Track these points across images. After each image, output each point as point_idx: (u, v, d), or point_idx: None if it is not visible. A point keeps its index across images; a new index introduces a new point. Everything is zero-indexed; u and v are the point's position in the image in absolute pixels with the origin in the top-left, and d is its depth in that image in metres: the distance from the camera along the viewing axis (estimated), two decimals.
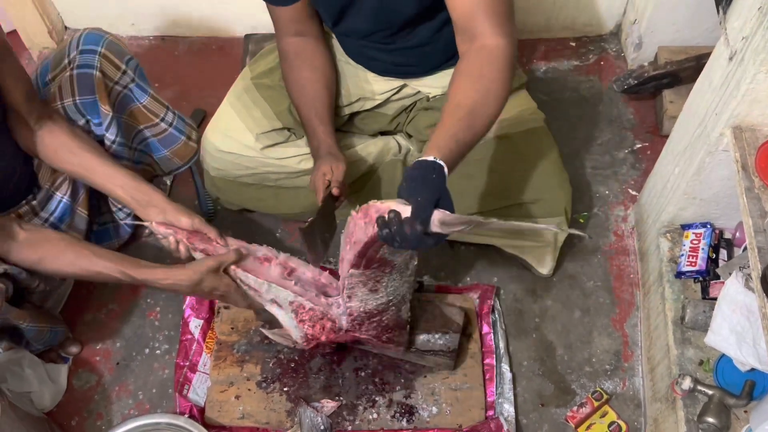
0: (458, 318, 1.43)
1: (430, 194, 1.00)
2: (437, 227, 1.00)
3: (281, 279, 1.32)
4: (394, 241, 1.01)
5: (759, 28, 1.07)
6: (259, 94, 1.55)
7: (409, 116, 1.63)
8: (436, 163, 1.03)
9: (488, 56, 1.15)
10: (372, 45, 1.46)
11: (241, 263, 1.29)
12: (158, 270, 1.26)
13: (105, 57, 1.38)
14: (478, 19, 1.17)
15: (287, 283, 1.32)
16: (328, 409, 1.44)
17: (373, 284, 1.22)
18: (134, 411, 1.53)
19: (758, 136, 1.18)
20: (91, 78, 1.36)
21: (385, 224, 1.01)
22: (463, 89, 1.13)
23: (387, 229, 1.01)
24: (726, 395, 1.27)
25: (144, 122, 1.50)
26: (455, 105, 1.11)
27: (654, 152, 1.88)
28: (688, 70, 1.83)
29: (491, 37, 1.16)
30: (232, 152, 1.54)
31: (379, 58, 1.50)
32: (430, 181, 1.02)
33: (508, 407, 1.48)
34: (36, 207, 1.36)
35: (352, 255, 1.15)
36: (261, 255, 1.33)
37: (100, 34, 1.40)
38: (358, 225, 1.13)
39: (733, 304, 1.26)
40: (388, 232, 1.01)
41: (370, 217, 1.09)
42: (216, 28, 2.18)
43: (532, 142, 1.51)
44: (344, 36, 1.50)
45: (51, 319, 1.47)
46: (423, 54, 1.48)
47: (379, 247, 1.12)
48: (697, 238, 1.45)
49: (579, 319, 1.64)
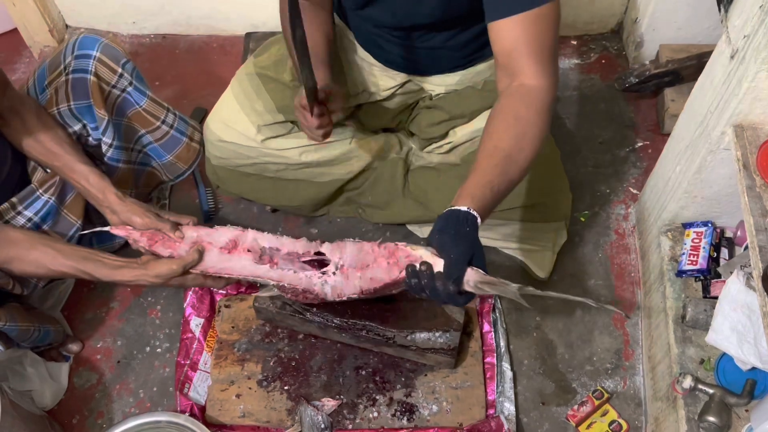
0: (459, 316, 1.43)
1: (464, 250, 0.99)
2: (470, 288, 1.00)
3: (253, 267, 1.28)
4: (423, 292, 1.01)
5: (760, 26, 1.06)
6: (263, 86, 1.54)
7: (412, 114, 1.63)
8: (469, 214, 1.02)
9: (527, 97, 1.12)
10: (386, 36, 1.45)
11: (207, 264, 1.28)
12: (124, 270, 1.27)
13: (100, 61, 1.38)
14: (521, 57, 1.13)
15: (259, 270, 1.28)
16: (329, 408, 1.44)
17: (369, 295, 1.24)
18: (135, 409, 1.53)
19: (759, 134, 1.18)
20: (86, 82, 1.36)
21: (416, 275, 1.01)
22: (499, 132, 1.11)
23: (417, 280, 1.01)
24: (727, 394, 1.26)
25: (144, 126, 1.49)
26: (492, 148, 1.10)
27: (655, 151, 1.87)
28: (690, 68, 1.83)
29: (532, 78, 1.13)
30: (233, 142, 1.54)
31: (389, 50, 1.48)
32: (464, 234, 1.01)
33: (509, 406, 1.48)
34: (16, 204, 1.35)
35: (366, 286, 1.17)
36: (226, 241, 1.29)
37: (95, 38, 1.40)
38: (378, 263, 1.13)
39: (734, 303, 1.26)
40: (417, 283, 1.01)
41: (396, 260, 1.09)
42: (216, 26, 2.18)
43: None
44: (361, 20, 1.47)
45: (40, 319, 1.46)
46: (435, 56, 1.47)
47: (398, 286, 1.13)
48: (698, 236, 1.45)
49: (580, 317, 1.64)
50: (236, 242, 1.29)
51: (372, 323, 1.41)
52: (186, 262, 1.26)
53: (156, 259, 1.28)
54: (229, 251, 1.29)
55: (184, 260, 1.27)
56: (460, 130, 1.57)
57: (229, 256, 1.29)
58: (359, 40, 1.53)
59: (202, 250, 1.28)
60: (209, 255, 1.29)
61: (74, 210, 1.44)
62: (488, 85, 1.52)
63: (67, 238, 1.44)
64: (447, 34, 1.40)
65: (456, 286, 0.98)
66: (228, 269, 1.29)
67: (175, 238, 1.29)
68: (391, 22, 1.39)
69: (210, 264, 1.29)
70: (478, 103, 1.53)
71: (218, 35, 2.20)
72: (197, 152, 1.60)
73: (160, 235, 1.30)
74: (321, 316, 1.43)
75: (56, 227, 1.42)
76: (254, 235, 1.30)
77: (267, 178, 1.62)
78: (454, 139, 1.58)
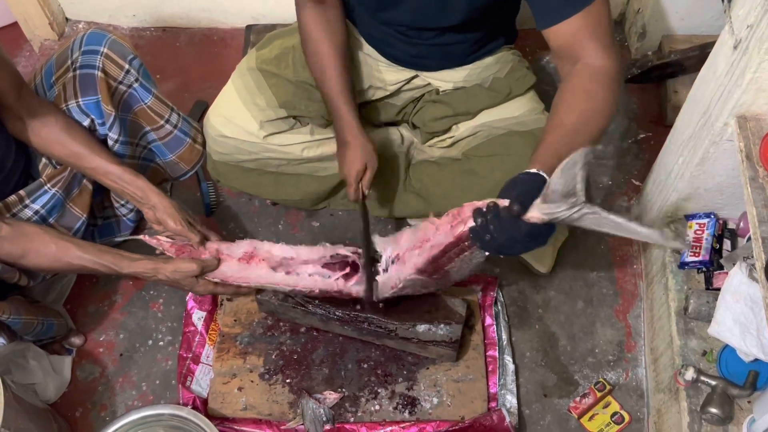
0: (461, 309, 1.43)
1: (532, 188, 0.98)
2: (537, 211, 0.96)
3: (269, 274, 1.37)
4: (487, 231, 0.99)
5: (764, 16, 1.05)
6: (265, 82, 1.53)
7: (417, 107, 1.62)
8: (539, 174, 1.02)
9: (594, 75, 1.13)
10: (395, 33, 1.45)
11: (226, 273, 1.37)
12: (143, 261, 1.33)
13: (107, 57, 1.38)
14: (581, 45, 1.15)
15: (275, 277, 1.36)
16: (331, 401, 1.45)
17: (418, 288, 1.26)
18: (138, 402, 1.54)
19: (763, 125, 1.17)
20: (94, 78, 1.36)
21: (481, 213, 1.00)
22: (567, 107, 1.12)
23: (482, 218, 0.99)
24: (729, 386, 1.26)
25: (149, 124, 1.49)
26: (558, 123, 1.10)
27: (658, 142, 1.86)
28: (693, 59, 1.81)
29: (595, 59, 1.14)
30: (234, 137, 1.53)
31: (396, 47, 1.48)
32: (533, 181, 1.01)
33: (511, 398, 1.48)
34: (24, 197, 1.36)
35: (423, 260, 1.16)
36: (242, 252, 1.38)
37: (102, 33, 1.39)
38: (441, 229, 1.12)
39: (737, 295, 1.26)
40: (483, 221, 0.99)
41: (462, 217, 1.08)
42: (217, 19, 2.18)
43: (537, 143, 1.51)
44: (372, 19, 1.47)
45: (44, 312, 1.46)
46: (444, 52, 1.47)
47: (459, 252, 1.11)
48: (700, 228, 1.44)
49: (582, 309, 1.64)
50: (252, 253, 1.38)
51: (374, 316, 1.41)
52: (205, 264, 1.34)
53: (177, 257, 1.36)
54: (247, 261, 1.37)
55: (204, 262, 1.35)
56: (463, 125, 1.56)
57: (247, 265, 1.37)
58: (366, 37, 1.53)
59: (220, 260, 1.37)
60: (228, 265, 1.37)
61: (79, 204, 1.45)
62: (495, 84, 1.51)
63: (73, 231, 1.44)
64: (461, 34, 1.40)
65: (520, 207, 0.95)
66: (245, 278, 1.38)
67: (200, 250, 1.38)
68: (408, 22, 1.39)
69: (229, 273, 1.37)
70: (484, 101, 1.53)
71: (219, 28, 2.20)
72: (200, 154, 1.60)
73: (188, 248, 1.38)
74: (323, 309, 1.43)
75: (62, 220, 1.42)
76: (269, 246, 1.39)
77: (268, 173, 1.61)
78: (456, 134, 1.57)
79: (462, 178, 1.50)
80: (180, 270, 1.33)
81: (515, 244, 1.00)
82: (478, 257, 1.12)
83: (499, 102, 1.53)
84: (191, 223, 1.38)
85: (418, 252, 1.18)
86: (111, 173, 1.36)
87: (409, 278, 1.22)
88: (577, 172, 0.94)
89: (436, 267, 1.17)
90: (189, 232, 1.37)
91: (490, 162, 1.48)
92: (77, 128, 1.37)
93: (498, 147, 1.47)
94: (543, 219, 0.96)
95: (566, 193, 0.95)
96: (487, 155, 1.48)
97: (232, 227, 1.78)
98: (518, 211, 0.96)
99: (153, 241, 1.39)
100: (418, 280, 1.22)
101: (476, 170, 1.49)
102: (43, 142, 1.34)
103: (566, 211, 0.95)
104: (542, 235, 0.99)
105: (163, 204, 1.37)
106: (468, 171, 1.49)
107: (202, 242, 1.38)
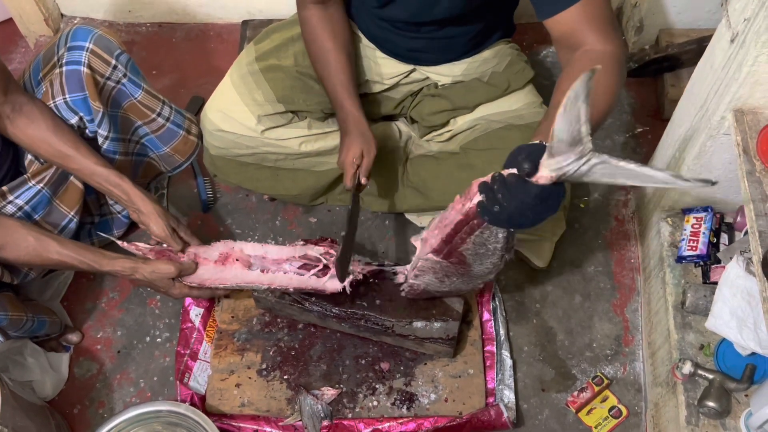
0: (458, 305, 1.42)
1: (537, 149, 0.94)
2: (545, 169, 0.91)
3: (244, 274, 1.39)
4: (495, 202, 0.96)
5: (761, 9, 1.05)
6: (263, 76, 1.53)
7: (415, 101, 1.61)
8: (542, 144, 0.96)
9: (596, 59, 1.10)
10: (394, 29, 1.44)
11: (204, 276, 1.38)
12: (122, 260, 1.33)
13: (93, 53, 1.37)
14: (584, 32, 1.15)
15: (250, 276, 1.39)
16: (329, 397, 1.45)
17: (442, 276, 1.25)
18: (136, 399, 1.53)
19: (760, 119, 1.17)
20: (80, 74, 1.35)
21: (487, 185, 0.97)
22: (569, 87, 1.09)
23: (488, 190, 0.96)
24: (726, 379, 1.26)
25: (140, 118, 1.48)
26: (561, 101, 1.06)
27: (655, 136, 1.86)
28: (690, 53, 1.81)
29: (597, 45, 1.14)
30: (232, 131, 1.53)
31: (395, 41, 1.48)
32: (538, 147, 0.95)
33: (509, 393, 1.48)
34: (6, 193, 1.35)
35: (438, 239, 1.15)
36: (217, 255, 1.40)
37: (88, 29, 1.38)
38: (455, 208, 1.09)
39: (734, 289, 1.26)
40: (490, 193, 0.96)
41: (471, 193, 1.04)
42: (213, 14, 2.17)
43: None
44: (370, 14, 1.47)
45: (34, 309, 1.46)
46: (443, 46, 1.46)
47: (470, 231, 1.07)
48: (698, 222, 1.44)
49: (579, 304, 1.64)
50: (227, 254, 1.40)
51: (371, 312, 1.41)
52: (183, 267, 1.35)
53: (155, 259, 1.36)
54: (222, 263, 1.40)
55: (182, 265, 1.36)
56: (461, 119, 1.56)
57: (223, 267, 1.40)
58: (365, 33, 1.52)
59: (197, 263, 1.38)
60: (206, 269, 1.39)
61: (68, 201, 1.44)
62: (494, 78, 1.51)
63: (60, 228, 1.44)
64: (460, 27, 1.39)
65: (530, 164, 0.91)
66: (221, 279, 1.39)
67: (179, 255, 1.39)
68: (407, 17, 1.38)
69: (206, 276, 1.39)
70: (483, 95, 1.52)
71: (215, 23, 2.19)
72: (195, 145, 1.60)
73: (167, 253, 1.38)
74: (320, 306, 1.43)
75: (49, 218, 1.41)
76: (241, 245, 1.41)
77: (266, 168, 1.61)
78: (454, 128, 1.57)
79: (460, 172, 1.50)
80: (158, 271, 1.33)
81: (526, 211, 0.96)
82: (492, 239, 1.08)
83: (498, 96, 1.52)
84: (174, 229, 1.38)
85: (437, 232, 1.16)
86: (96, 175, 1.36)
87: (426, 257, 1.20)
88: (580, 107, 0.88)
89: (450, 249, 1.14)
90: (171, 239, 1.37)
91: (488, 155, 1.47)
92: (64, 128, 1.36)
93: (496, 141, 1.47)
94: (552, 177, 0.92)
95: (572, 140, 0.90)
96: (485, 149, 1.48)
97: (229, 223, 1.78)
98: (529, 169, 0.92)
99: (131, 247, 1.39)
100: (437, 265, 1.20)
101: (474, 164, 1.49)
102: (30, 140, 1.33)
103: (575, 162, 0.91)
104: (552, 197, 0.95)
105: (147, 208, 1.36)
106: (466, 165, 1.49)
107: (182, 250, 1.39)
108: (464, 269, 1.19)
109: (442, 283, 1.27)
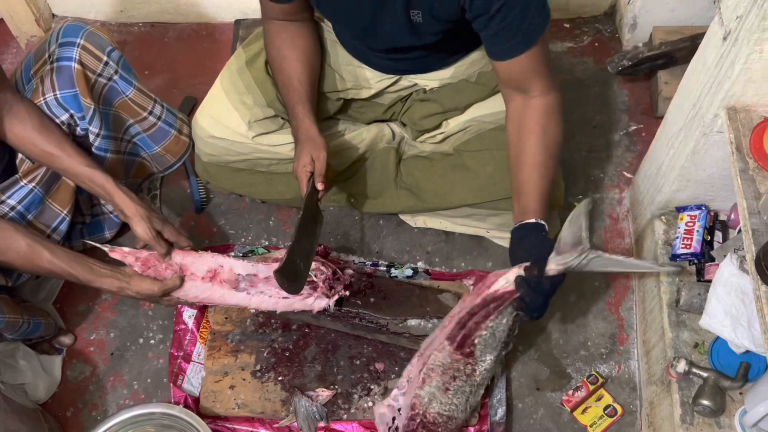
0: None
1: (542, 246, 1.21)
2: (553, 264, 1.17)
3: (230, 295, 1.39)
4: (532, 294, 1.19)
5: (753, 7, 1.05)
6: (252, 80, 1.52)
7: (405, 105, 1.61)
8: (539, 223, 1.24)
9: (546, 111, 1.28)
10: (373, 52, 1.46)
11: (190, 292, 1.37)
12: (108, 280, 1.32)
13: (84, 49, 1.36)
14: (529, 80, 1.27)
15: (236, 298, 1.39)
16: (324, 398, 1.44)
17: (449, 379, 1.27)
18: (129, 401, 1.53)
19: (753, 117, 1.17)
20: (71, 71, 1.34)
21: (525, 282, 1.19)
22: (533, 148, 1.28)
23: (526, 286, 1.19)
24: (721, 377, 1.26)
25: (132, 116, 1.48)
26: (532, 165, 1.27)
27: (649, 134, 1.86)
28: (683, 50, 1.81)
29: (544, 93, 1.28)
30: (224, 138, 1.52)
31: (378, 63, 1.50)
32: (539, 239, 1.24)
33: (503, 392, 1.48)
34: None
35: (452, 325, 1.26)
36: (206, 270, 1.37)
37: (80, 26, 1.37)
38: (470, 297, 1.27)
39: (728, 287, 1.26)
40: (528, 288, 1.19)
41: (484, 283, 1.24)
42: (206, 13, 2.16)
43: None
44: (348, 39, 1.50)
45: (30, 311, 1.45)
46: (426, 63, 1.48)
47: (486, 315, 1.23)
48: (692, 220, 1.44)
49: (574, 302, 1.63)
50: (215, 272, 1.38)
51: (365, 311, 1.40)
52: (167, 287, 1.34)
53: (140, 276, 1.34)
54: (210, 280, 1.38)
55: (166, 285, 1.34)
56: (453, 120, 1.56)
57: (210, 285, 1.38)
58: (349, 52, 1.53)
59: (183, 277, 1.36)
60: (192, 284, 1.37)
61: (60, 200, 1.43)
62: (482, 78, 1.51)
63: (52, 228, 1.43)
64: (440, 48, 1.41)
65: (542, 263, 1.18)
66: (209, 298, 1.40)
67: (165, 265, 1.35)
68: (385, 47, 1.41)
69: (192, 294, 1.38)
70: (472, 96, 1.52)
71: (207, 23, 2.18)
72: (186, 145, 1.59)
73: (153, 262, 1.35)
74: None
75: (41, 217, 1.41)
76: (231, 263, 1.39)
77: (258, 173, 1.60)
78: (446, 130, 1.57)
79: (453, 173, 1.50)
80: (142, 291, 1.33)
81: (548, 300, 1.21)
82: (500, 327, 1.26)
83: (487, 95, 1.52)
84: (159, 231, 1.34)
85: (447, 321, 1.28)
86: (81, 175, 1.34)
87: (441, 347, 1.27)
88: (581, 221, 1.17)
89: (463, 339, 1.25)
90: (155, 242, 1.33)
91: (481, 156, 1.47)
92: (51, 128, 1.34)
93: (488, 142, 1.47)
94: (559, 270, 1.18)
95: (574, 242, 1.17)
96: (477, 150, 1.48)
97: (222, 224, 1.77)
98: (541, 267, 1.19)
99: (116, 254, 1.34)
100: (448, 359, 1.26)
101: (467, 165, 1.48)
102: (17, 140, 1.32)
103: (576, 258, 1.17)
104: (559, 285, 1.21)
105: (130, 210, 1.33)
106: (459, 166, 1.49)
107: (168, 253, 1.35)
108: (471, 367, 1.28)
109: (446, 391, 1.28)
